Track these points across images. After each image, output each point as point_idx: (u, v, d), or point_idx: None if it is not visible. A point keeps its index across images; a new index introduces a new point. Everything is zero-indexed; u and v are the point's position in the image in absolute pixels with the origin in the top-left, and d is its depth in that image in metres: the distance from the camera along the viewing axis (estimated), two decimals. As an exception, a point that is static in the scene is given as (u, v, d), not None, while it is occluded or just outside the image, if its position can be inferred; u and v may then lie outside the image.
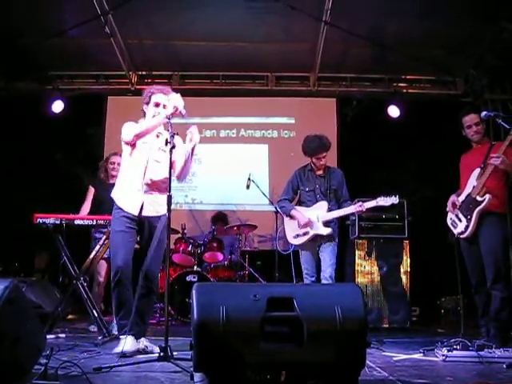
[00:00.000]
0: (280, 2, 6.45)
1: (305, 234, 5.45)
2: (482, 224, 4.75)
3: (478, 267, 4.82)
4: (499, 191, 4.78)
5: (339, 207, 5.47)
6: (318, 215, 5.40)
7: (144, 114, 4.53)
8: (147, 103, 4.50)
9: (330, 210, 5.42)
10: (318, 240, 5.43)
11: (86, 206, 6.08)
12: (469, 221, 4.78)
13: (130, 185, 4.37)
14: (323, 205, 5.45)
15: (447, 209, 5.04)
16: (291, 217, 5.57)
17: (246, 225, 7.75)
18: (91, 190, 6.19)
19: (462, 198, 4.92)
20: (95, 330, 5.55)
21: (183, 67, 8.55)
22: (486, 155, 4.76)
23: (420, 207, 7.11)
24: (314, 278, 5.42)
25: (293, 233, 5.56)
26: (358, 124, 8.47)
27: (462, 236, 4.88)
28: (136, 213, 4.31)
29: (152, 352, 4.21)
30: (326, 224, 5.38)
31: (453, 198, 5.00)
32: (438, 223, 5.47)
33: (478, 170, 4.80)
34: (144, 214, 4.33)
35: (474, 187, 4.78)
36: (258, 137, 8.94)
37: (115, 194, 4.43)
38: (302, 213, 5.48)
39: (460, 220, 4.89)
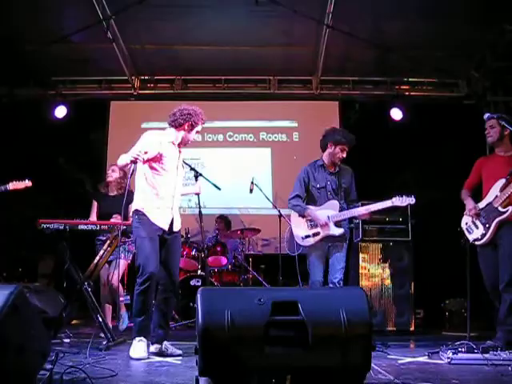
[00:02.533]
0: (282, 5, 6.45)
1: (315, 234, 5.20)
2: (501, 230, 4.74)
3: (493, 271, 4.79)
4: None
5: (347, 206, 5.29)
6: (329, 215, 5.17)
7: (177, 126, 4.62)
8: (191, 125, 4.62)
9: (341, 209, 5.24)
10: (328, 240, 5.21)
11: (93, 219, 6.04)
12: (487, 229, 4.78)
13: (161, 201, 4.50)
14: (335, 204, 5.23)
15: (465, 212, 5.00)
16: (304, 217, 5.26)
17: (250, 229, 7.74)
18: (94, 204, 6.17)
19: (482, 205, 4.90)
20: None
21: (185, 72, 8.57)
22: None
23: (424, 210, 7.07)
24: (321, 281, 5.16)
25: (302, 233, 5.27)
26: (360, 127, 8.42)
27: (476, 243, 4.88)
28: (167, 228, 4.52)
29: (173, 354, 4.40)
30: (338, 224, 5.21)
31: (472, 203, 4.96)
32: (441, 225, 5.47)
33: (502, 181, 4.76)
34: (175, 229, 4.60)
35: (496, 196, 4.76)
36: (261, 140, 8.95)
37: (142, 204, 4.49)
38: (316, 213, 5.21)
39: (477, 227, 4.88)
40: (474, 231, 4.90)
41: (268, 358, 2.58)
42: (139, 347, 4.27)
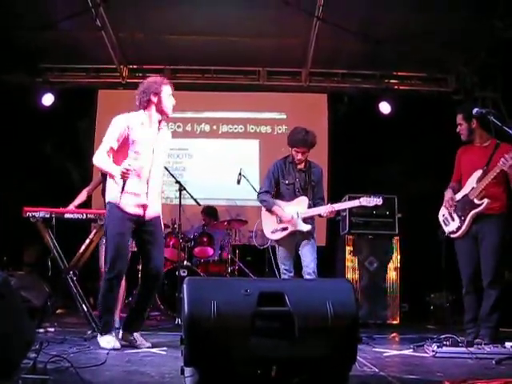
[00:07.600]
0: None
1: (284, 229, 5.33)
2: (481, 224, 4.67)
3: (471, 266, 4.74)
4: (500, 195, 4.68)
5: (314, 204, 5.37)
6: (298, 211, 5.28)
7: (145, 105, 4.37)
8: (156, 94, 4.36)
9: (309, 206, 5.32)
10: (296, 236, 5.33)
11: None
12: (462, 222, 4.73)
13: (133, 187, 4.23)
14: (304, 200, 5.34)
15: (444, 204, 4.96)
16: (271, 212, 5.42)
17: (237, 220, 7.73)
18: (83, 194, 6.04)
19: (458, 196, 4.84)
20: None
21: (174, 61, 8.50)
22: (489, 157, 4.65)
23: (410, 203, 7.12)
24: (292, 274, 5.31)
25: (271, 227, 5.41)
26: (349, 120, 8.46)
27: (452, 235, 4.85)
28: (141, 214, 4.27)
29: (141, 346, 4.30)
30: (306, 220, 5.29)
31: (450, 194, 4.91)
32: (428, 220, 5.47)
33: (479, 172, 4.68)
34: (147, 217, 4.30)
35: (472, 188, 4.69)
36: (249, 132, 8.92)
37: (112, 195, 4.27)
38: (283, 209, 5.34)
39: (453, 219, 4.83)
40: (451, 223, 4.85)
41: (254, 349, 2.58)
42: (108, 339, 4.21)
